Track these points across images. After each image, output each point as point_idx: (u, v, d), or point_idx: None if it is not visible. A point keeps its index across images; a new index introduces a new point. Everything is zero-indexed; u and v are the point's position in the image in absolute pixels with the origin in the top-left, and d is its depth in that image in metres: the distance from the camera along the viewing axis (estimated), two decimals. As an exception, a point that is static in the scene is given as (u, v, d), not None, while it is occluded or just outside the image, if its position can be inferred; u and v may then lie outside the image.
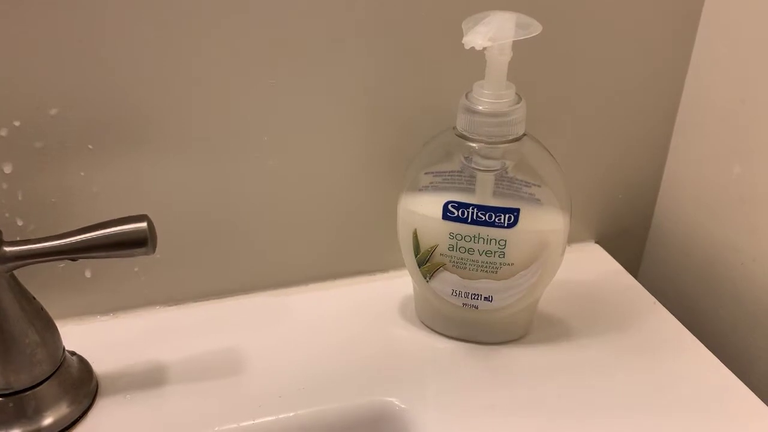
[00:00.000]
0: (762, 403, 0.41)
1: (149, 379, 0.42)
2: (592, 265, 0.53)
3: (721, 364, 0.43)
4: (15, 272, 0.36)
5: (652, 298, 0.50)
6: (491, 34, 0.35)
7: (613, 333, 0.46)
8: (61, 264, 0.43)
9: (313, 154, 0.46)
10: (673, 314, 0.48)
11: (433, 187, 0.42)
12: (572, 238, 0.55)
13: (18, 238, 0.37)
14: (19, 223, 0.41)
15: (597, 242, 0.56)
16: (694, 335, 0.46)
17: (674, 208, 0.55)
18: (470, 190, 0.41)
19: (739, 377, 0.42)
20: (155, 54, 0.40)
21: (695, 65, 0.50)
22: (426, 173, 0.42)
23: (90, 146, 0.41)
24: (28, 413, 0.37)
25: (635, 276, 0.57)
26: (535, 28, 0.36)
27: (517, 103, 0.39)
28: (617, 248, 0.55)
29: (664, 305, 0.49)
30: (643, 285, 0.51)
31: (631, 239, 0.57)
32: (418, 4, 0.42)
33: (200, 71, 0.41)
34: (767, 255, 0.47)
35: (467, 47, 0.35)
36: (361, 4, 0.41)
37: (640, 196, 0.55)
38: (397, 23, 0.43)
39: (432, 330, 0.46)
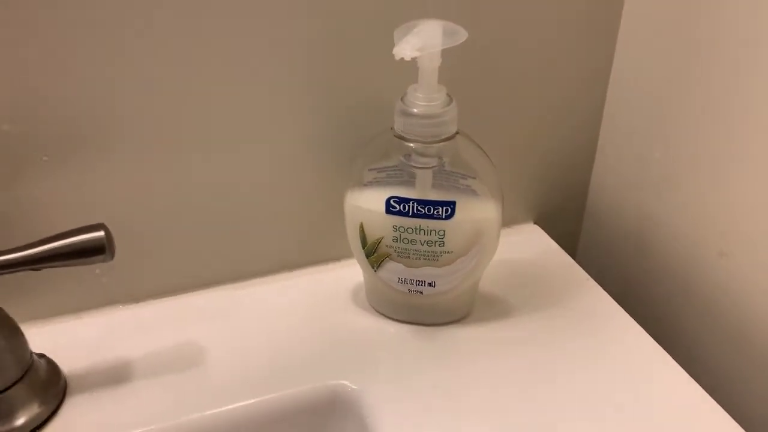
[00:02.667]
0: (684, 371, 0.45)
1: (115, 376, 0.44)
2: (530, 246, 0.57)
3: (646, 334, 0.48)
4: (-21, 284, 0.38)
5: (586, 275, 0.54)
6: (420, 44, 0.38)
7: (548, 309, 0.50)
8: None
9: (261, 152, 0.48)
10: (608, 289, 0.52)
11: (377, 183, 0.45)
12: (512, 220, 0.59)
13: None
14: (-23, 234, 0.43)
15: (535, 223, 0.60)
16: (627, 309, 0.50)
17: (605, 190, 0.59)
18: (411, 184, 0.44)
19: (664, 347, 0.46)
20: (103, 66, 0.41)
21: (619, 56, 0.54)
22: (369, 170, 0.45)
23: (45, 158, 0.42)
24: (1, 414, 0.40)
25: (574, 254, 0.61)
26: (461, 36, 0.39)
27: (449, 104, 0.42)
28: (555, 228, 0.59)
29: (600, 281, 0.53)
30: (581, 262, 0.55)
31: (567, 220, 0.61)
32: (360, 4, 0.45)
33: (145, 79, 0.43)
34: (687, 230, 0.51)
35: (397, 58, 0.37)
36: (303, 3, 0.44)
37: (573, 179, 0.59)
38: (339, 23, 0.45)
39: (382, 314, 0.49)
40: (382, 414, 0.42)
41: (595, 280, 0.53)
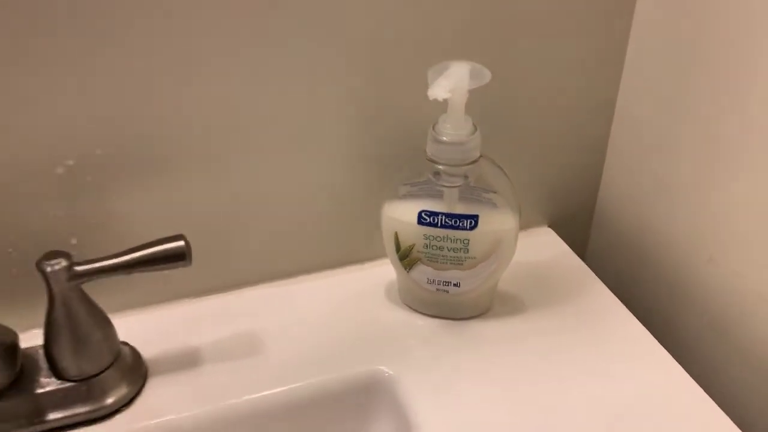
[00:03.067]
0: (675, 360, 0.52)
1: (187, 361, 0.52)
2: (543, 248, 0.64)
3: (644, 329, 0.54)
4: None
5: (594, 276, 0.60)
6: (450, 86, 0.44)
7: (558, 306, 0.57)
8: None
9: (314, 165, 0.55)
10: (612, 290, 0.58)
11: (410, 196, 0.52)
12: (528, 224, 0.65)
13: (73, 253, 0.47)
14: (73, 241, 0.50)
15: (550, 227, 0.67)
16: (629, 308, 0.57)
17: (610, 200, 0.65)
18: (440, 197, 0.51)
19: (662, 344, 0.53)
20: (170, 96, 0.48)
21: (624, 87, 0.60)
22: (404, 184, 0.52)
23: (127, 176, 0.50)
24: (96, 394, 0.47)
25: (583, 256, 0.68)
26: (486, 77, 0.46)
27: (473, 132, 0.48)
28: (567, 233, 0.66)
29: (606, 282, 0.59)
30: (590, 264, 0.62)
31: (578, 225, 0.68)
32: (399, 47, 0.52)
33: (205, 107, 0.50)
34: (682, 238, 0.57)
35: (431, 98, 0.44)
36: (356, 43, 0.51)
37: (583, 190, 0.66)
38: (383, 59, 0.52)
39: (413, 310, 0.57)
40: (413, 395, 0.49)
41: (602, 280, 0.60)
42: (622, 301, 0.57)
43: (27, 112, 0.46)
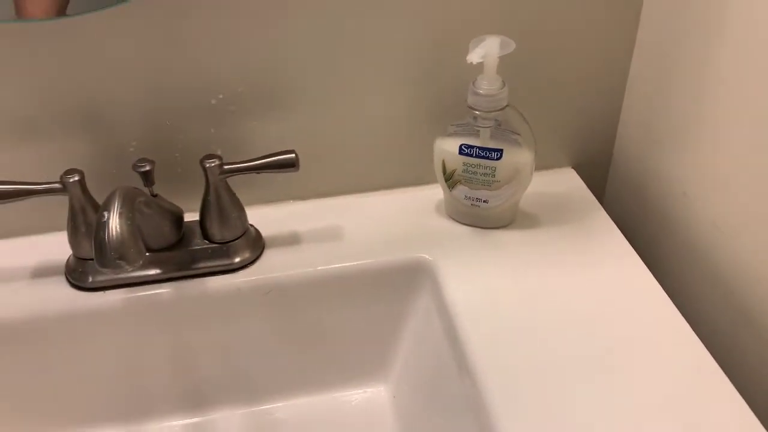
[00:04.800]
0: (673, 306, 0.66)
1: (292, 240, 0.73)
2: (563, 184, 0.80)
3: (628, 244, 0.72)
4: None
5: (599, 206, 0.77)
6: (483, 53, 0.63)
7: (564, 225, 0.74)
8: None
9: (385, 108, 0.74)
10: (618, 223, 0.75)
11: (456, 134, 0.71)
12: (552, 164, 0.83)
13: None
14: (219, 152, 0.73)
15: (573, 168, 0.84)
16: (627, 237, 0.74)
17: (629, 142, 0.81)
18: (477, 135, 0.70)
19: (662, 285, 0.68)
20: (290, 48, 0.69)
21: (642, 34, 0.75)
22: (451, 125, 0.71)
23: (259, 108, 0.72)
24: (230, 254, 0.70)
25: (602, 195, 0.85)
26: (511, 47, 0.64)
27: (502, 87, 0.67)
28: (588, 174, 0.82)
29: (615, 217, 0.76)
30: (608, 202, 0.79)
31: (597, 168, 0.84)
32: (452, 25, 0.70)
33: (315, 57, 0.70)
34: (703, 189, 0.68)
35: (468, 62, 0.62)
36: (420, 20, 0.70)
37: (602, 131, 0.81)
38: (439, 33, 0.71)
39: (454, 220, 0.76)
40: (448, 276, 0.69)
41: (612, 216, 0.76)
42: (625, 233, 0.74)
43: (191, 56, 0.68)
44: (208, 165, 0.66)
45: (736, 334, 0.66)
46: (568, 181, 0.82)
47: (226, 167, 0.66)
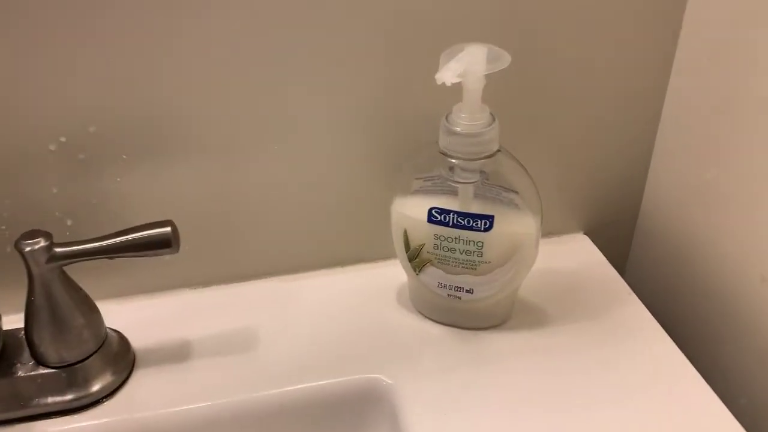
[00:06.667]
0: (711, 389, 0.46)
1: (178, 353, 0.49)
2: (576, 256, 0.58)
3: (681, 354, 0.48)
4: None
5: (628, 289, 0.54)
6: (461, 70, 0.40)
7: (585, 320, 0.51)
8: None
9: (319, 157, 0.52)
10: (651, 306, 0.52)
11: (423, 191, 0.48)
12: (562, 229, 0.60)
13: (68, 234, 0.44)
14: (68, 222, 0.49)
15: (586, 234, 0.61)
16: (668, 324, 0.51)
17: (656, 206, 0.59)
18: (456, 193, 0.46)
19: (702, 373, 0.47)
20: (175, 77, 0.46)
21: (677, 71, 0.54)
22: (416, 178, 0.48)
23: (124, 156, 0.48)
24: (78, 382, 0.45)
25: (623, 268, 0.62)
26: (505, 61, 0.41)
27: (491, 123, 0.44)
28: (604, 241, 0.60)
29: (646, 297, 0.54)
30: (630, 277, 0.56)
31: (617, 233, 0.62)
32: (412, 26, 0.47)
33: (214, 89, 0.47)
34: (736, 253, 0.51)
35: (438, 83, 0.39)
36: (361, 27, 0.47)
37: (625, 193, 0.60)
38: (395, 44, 0.48)
39: (423, 316, 0.52)
40: (413, 410, 0.45)
41: (641, 296, 0.54)
42: (660, 321, 0.51)
43: (20, 89, 0.44)
44: (27, 249, 0.41)
45: None
46: (581, 253, 0.59)
47: (58, 250, 0.42)
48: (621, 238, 0.62)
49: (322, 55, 0.47)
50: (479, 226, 0.46)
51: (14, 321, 0.46)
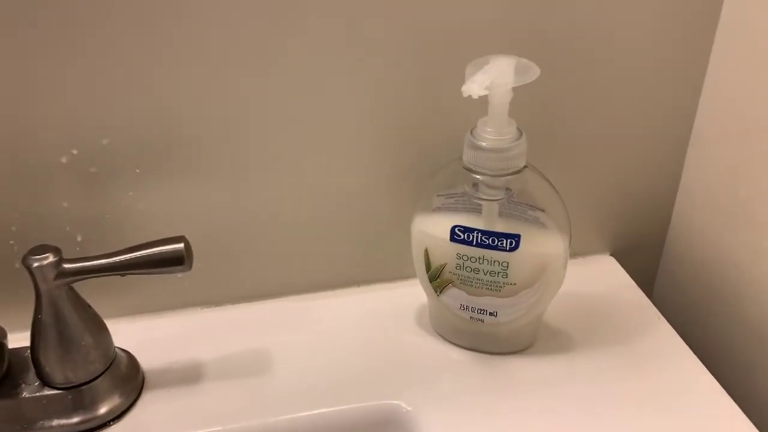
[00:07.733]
0: (749, 421, 0.43)
1: (188, 375, 0.47)
2: (603, 279, 0.56)
3: (715, 381, 0.46)
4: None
5: (658, 313, 0.52)
6: (488, 82, 0.38)
7: (613, 346, 0.49)
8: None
9: (339, 173, 0.50)
10: (681, 330, 0.50)
11: (445, 209, 0.46)
12: (587, 250, 0.58)
13: (78, 249, 0.43)
14: (79, 238, 0.47)
15: (612, 255, 0.58)
16: (699, 350, 0.48)
17: (686, 228, 0.56)
18: (480, 211, 0.44)
19: (737, 402, 0.45)
20: (192, 90, 0.44)
21: (709, 87, 0.52)
22: (438, 195, 0.46)
23: (137, 170, 0.46)
24: (85, 404, 0.43)
25: (650, 290, 0.59)
26: (534, 73, 0.39)
27: (518, 138, 0.42)
28: (632, 263, 0.58)
29: (675, 320, 0.51)
30: (658, 299, 0.54)
31: (645, 255, 0.59)
32: (437, 37, 0.46)
33: (233, 104, 0.46)
34: None
35: (465, 95, 0.38)
36: (381, 36, 0.45)
37: (654, 214, 0.57)
38: (418, 54, 0.46)
39: (444, 339, 0.50)
40: (433, 438, 0.43)
41: (670, 320, 0.51)
42: (689, 346, 0.49)
43: (30, 99, 0.43)
44: (35, 264, 0.40)
45: None
46: (607, 275, 0.57)
47: (67, 267, 0.40)
48: (649, 260, 0.60)
49: (340, 72, 0.46)
50: (505, 245, 0.44)
51: (20, 339, 0.45)
